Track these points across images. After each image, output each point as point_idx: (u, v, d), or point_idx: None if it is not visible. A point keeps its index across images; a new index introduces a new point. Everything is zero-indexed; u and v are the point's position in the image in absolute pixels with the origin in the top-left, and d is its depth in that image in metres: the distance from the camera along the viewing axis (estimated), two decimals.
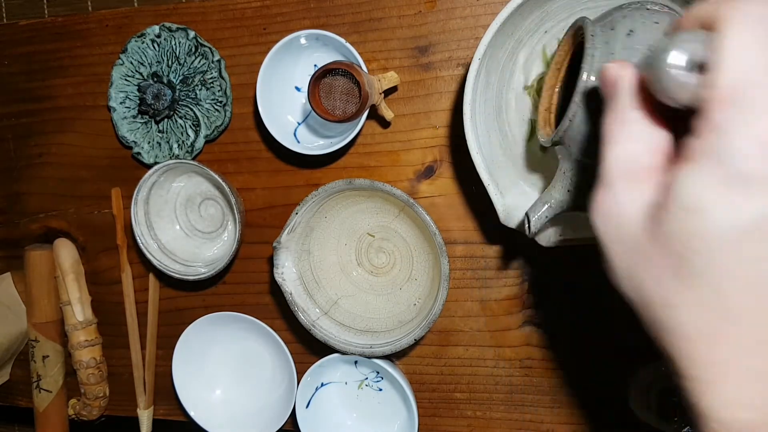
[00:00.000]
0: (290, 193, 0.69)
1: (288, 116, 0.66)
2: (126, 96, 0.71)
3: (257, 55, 0.67)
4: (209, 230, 0.72)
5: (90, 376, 0.74)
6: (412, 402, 0.62)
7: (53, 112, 0.75)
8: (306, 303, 0.62)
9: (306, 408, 0.66)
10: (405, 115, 0.65)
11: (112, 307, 0.76)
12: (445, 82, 0.63)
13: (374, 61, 0.65)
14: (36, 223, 0.78)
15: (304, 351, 0.71)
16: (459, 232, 0.65)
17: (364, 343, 0.61)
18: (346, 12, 0.65)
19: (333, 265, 0.66)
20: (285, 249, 0.60)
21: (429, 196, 0.65)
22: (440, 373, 0.68)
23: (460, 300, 0.66)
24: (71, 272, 0.74)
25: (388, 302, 0.65)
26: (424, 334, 0.58)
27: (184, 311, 0.74)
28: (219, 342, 0.71)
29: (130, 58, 0.70)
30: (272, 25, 0.67)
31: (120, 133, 0.71)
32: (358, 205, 0.63)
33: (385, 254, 0.65)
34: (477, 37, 0.62)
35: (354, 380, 0.69)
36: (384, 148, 0.66)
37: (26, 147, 0.77)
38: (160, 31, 0.68)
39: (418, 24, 0.63)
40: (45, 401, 0.74)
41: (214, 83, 0.68)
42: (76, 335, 0.73)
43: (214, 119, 0.68)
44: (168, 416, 0.76)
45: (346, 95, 0.57)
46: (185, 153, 0.69)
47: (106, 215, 0.75)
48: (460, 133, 0.59)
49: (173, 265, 0.69)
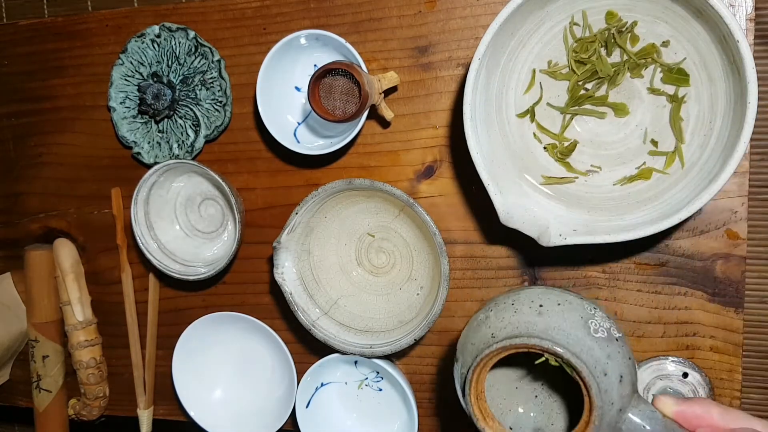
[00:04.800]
0: (290, 193, 0.69)
1: (288, 116, 0.66)
2: (126, 96, 0.71)
3: (257, 55, 0.67)
4: (209, 230, 0.72)
5: (90, 376, 0.74)
6: (412, 402, 0.62)
7: (53, 112, 0.75)
8: (306, 303, 0.62)
9: (306, 408, 0.66)
10: (405, 115, 0.65)
11: (112, 307, 0.76)
12: (445, 82, 0.63)
13: (374, 61, 0.65)
14: (36, 223, 0.78)
15: (304, 351, 0.71)
16: (459, 232, 0.65)
17: (364, 343, 0.61)
18: (346, 12, 0.65)
19: (333, 265, 0.66)
20: (285, 249, 0.60)
21: (429, 196, 0.65)
22: (440, 373, 0.68)
23: (460, 300, 0.66)
24: (71, 272, 0.74)
25: (388, 302, 0.65)
26: (424, 334, 0.58)
27: (184, 311, 0.74)
28: (219, 342, 0.71)
29: (130, 58, 0.70)
30: (272, 25, 0.67)
31: (120, 133, 0.71)
32: (358, 205, 0.63)
33: (385, 254, 0.65)
34: (477, 37, 0.62)
35: (354, 380, 0.69)
36: (384, 148, 0.66)
37: (26, 147, 0.77)
38: (160, 31, 0.68)
39: (418, 24, 0.63)
40: (45, 401, 0.74)
41: (214, 83, 0.68)
42: (76, 335, 0.73)
43: (214, 119, 0.68)
44: (168, 416, 0.77)
45: (346, 95, 0.57)
46: (185, 153, 0.69)
47: (106, 215, 0.75)
48: (460, 133, 0.59)
49: (173, 265, 0.69)
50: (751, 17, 0.56)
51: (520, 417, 0.53)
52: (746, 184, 0.57)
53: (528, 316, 0.45)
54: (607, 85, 0.55)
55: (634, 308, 0.61)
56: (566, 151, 0.57)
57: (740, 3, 0.56)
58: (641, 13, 0.52)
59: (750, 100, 0.45)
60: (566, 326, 0.44)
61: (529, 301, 0.47)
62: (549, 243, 0.50)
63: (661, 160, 0.55)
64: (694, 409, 0.41)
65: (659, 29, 0.53)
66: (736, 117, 0.47)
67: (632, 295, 0.61)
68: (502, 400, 0.53)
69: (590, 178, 0.57)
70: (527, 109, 0.57)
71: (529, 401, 0.54)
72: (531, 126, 0.58)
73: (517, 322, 0.45)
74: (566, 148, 0.57)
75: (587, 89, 0.56)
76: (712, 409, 0.40)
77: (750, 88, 0.45)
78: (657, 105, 0.55)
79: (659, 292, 0.60)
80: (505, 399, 0.54)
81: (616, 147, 0.56)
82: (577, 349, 0.43)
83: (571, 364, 0.41)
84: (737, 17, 0.56)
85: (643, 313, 0.61)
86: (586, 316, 0.45)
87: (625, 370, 0.44)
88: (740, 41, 0.44)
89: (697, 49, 0.51)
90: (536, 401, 0.54)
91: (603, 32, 0.54)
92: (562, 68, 0.56)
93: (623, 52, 0.54)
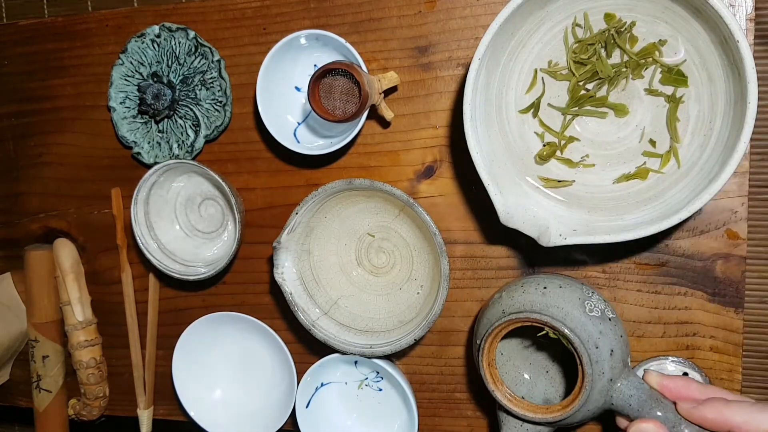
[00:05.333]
0: (290, 193, 0.69)
1: (288, 116, 0.66)
2: (126, 96, 0.71)
3: (257, 55, 0.67)
4: (209, 230, 0.72)
5: (90, 376, 0.74)
6: (412, 402, 0.62)
7: (53, 112, 0.75)
8: (306, 303, 0.62)
9: (306, 408, 0.66)
10: (405, 115, 0.65)
11: (112, 307, 0.76)
12: (445, 82, 0.63)
13: (374, 61, 0.65)
14: (36, 223, 0.78)
15: (304, 351, 0.71)
16: (459, 232, 0.65)
17: (364, 343, 0.61)
18: (346, 12, 0.65)
19: (333, 265, 0.66)
20: (285, 249, 0.60)
21: (429, 196, 0.65)
22: (440, 373, 0.68)
23: (460, 300, 0.66)
24: (71, 272, 0.74)
25: (388, 302, 0.65)
26: (424, 334, 0.58)
27: (184, 311, 0.74)
28: (219, 342, 0.71)
29: (130, 58, 0.70)
30: (272, 25, 0.67)
31: (120, 133, 0.71)
32: (358, 205, 0.63)
33: (385, 254, 0.65)
34: (477, 37, 0.62)
35: (354, 380, 0.69)
36: (384, 148, 0.66)
37: (26, 147, 0.77)
38: (160, 31, 0.68)
39: (418, 24, 0.63)
40: (45, 401, 0.74)
41: (214, 83, 0.68)
42: (76, 335, 0.73)
43: (214, 119, 0.68)
44: (168, 416, 0.77)
45: (346, 95, 0.57)
46: (185, 153, 0.69)
47: (106, 215, 0.75)
48: (460, 133, 0.59)
49: (173, 265, 0.69)
50: (751, 17, 0.56)
51: (531, 388, 0.61)
52: (746, 184, 0.57)
53: (533, 296, 0.53)
54: (608, 85, 0.55)
55: (634, 308, 0.61)
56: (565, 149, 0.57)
57: (740, 3, 0.56)
58: (641, 13, 0.52)
59: (750, 100, 0.45)
60: (564, 304, 0.51)
61: (535, 284, 0.54)
62: (549, 243, 0.51)
63: (660, 160, 0.55)
64: (677, 383, 0.48)
65: (659, 29, 0.53)
66: (736, 117, 0.47)
67: (632, 295, 0.61)
68: (516, 373, 0.61)
69: (590, 178, 0.57)
70: (531, 104, 0.57)
71: (541, 375, 0.61)
72: (531, 126, 0.58)
73: (524, 301, 0.53)
74: (564, 146, 0.57)
75: (587, 90, 0.56)
76: (691, 384, 0.48)
77: (750, 88, 0.45)
78: (657, 105, 0.55)
79: (659, 292, 0.60)
80: (518, 372, 0.61)
81: (616, 147, 0.56)
82: (572, 324, 0.50)
83: (566, 335, 0.48)
84: (737, 17, 0.56)
85: (643, 313, 0.61)
86: (583, 297, 0.52)
87: (616, 345, 0.50)
88: (740, 41, 0.44)
89: (697, 49, 0.51)
90: (547, 376, 0.61)
91: (603, 33, 0.54)
92: (563, 69, 0.56)
93: (623, 52, 0.54)
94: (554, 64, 0.56)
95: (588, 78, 0.55)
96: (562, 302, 0.51)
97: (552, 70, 0.56)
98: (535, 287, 0.53)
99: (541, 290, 0.53)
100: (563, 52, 0.56)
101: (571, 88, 0.56)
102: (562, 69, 0.56)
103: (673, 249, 0.60)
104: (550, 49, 0.56)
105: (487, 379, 0.53)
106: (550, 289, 0.53)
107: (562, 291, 0.52)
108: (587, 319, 0.50)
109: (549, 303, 0.51)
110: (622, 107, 0.55)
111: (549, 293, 0.52)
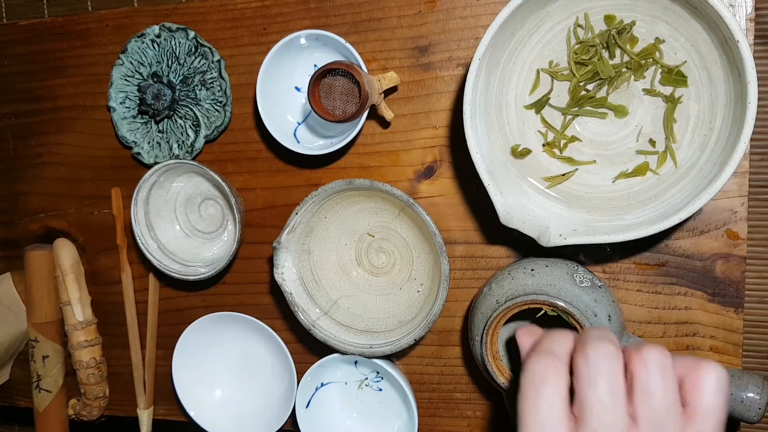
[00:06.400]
0: (290, 193, 0.69)
1: (288, 116, 0.66)
2: (126, 96, 0.71)
3: (257, 55, 0.67)
4: (209, 230, 0.72)
5: (90, 376, 0.74)
6: (412, 402, 0.62)
7: (53, 112, 0.75)
8: (306, 303, 0.62)
9: (306, 408, 0.66)
10: (405, 115, 0.65)
11: (112, 307, 0.76)
12: (445, 82, 0.63)
13: (374, 61, 0.65)
14: (36, 223, 0.78)
15: (304, 351, 0.71)
16: (459, 232, 0.65)
17: (364, 343, 0.61)
18: (346, 12, 0.65)
19: (333, 265, 0.66)
20: (285, 249, 0.60)
21: (429, 196, 0.65)
22: (440, 373, 0.68)
23: (460, 300, 0.66)
24: (71, 272, 0.74)
25: (388, 302, 0.65)
26: (424, 334, 0.58)
27: (184, 311, 0.74)
28: (219, 342, 0.71)
29: (130, 58, 0.70)
30: (272, 25, 0.67)
31: (120, 133, 0.71)
32: (358, 205, 0.63)
33: (385, 254, 0.65)
34: (477, 37, 0.62)
35: (354, 380, 0.69)
36: (384, 148, 0.66)
37: (26, 147, 0.77)
38: (160, 31, 0.68)
39: (418, 24, 0.63)
40: (45, 401, 0.74)
41: (214, 83, 0.68)
42: (76, 335, 0.73)
43: (214, 119, 0.68)
44: (168, 416, 0.77)
45: (346, 95, 0.57)
46: (185, 153, 0.69)
47: (106, 215, 0.75)
48: (460, 133, 0.59)
49: (173, 265, 0.69)
50: (751, 17, 0.56)
51: None
52: (746, 184, 0.57)
53: (523, 280, 0.54)
54: (608, 86, 0.55)
55: (634, 308, 0.61)
56: (565, 148, 0.57)
57: (740, 3, 0.56)
58: (641, 13, 0.52)
59: (750, 100, 0.45)
60: (555, 281, 0.52)
61: (522, 268, 0.55)
62: (549, 243, 0.51)
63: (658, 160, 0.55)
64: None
65: (659, 29, 0.53)
66: (736, 117, 0.47)
67: (632, 295, 0.61)
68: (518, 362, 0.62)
69: (590, 177, 0.57)
70: (537, 101, 0.57)
71: None
72: (531, 126, 0.58)
73: (515, 287, 0.53)
74: (565, 146, 0.57)
75: (588, 90, 0.56)
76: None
77: (750, 89, 0.45)
78: (657, 106, 0.55)
79: (659, 292, 0.60)
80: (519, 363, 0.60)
81: (616, 147, 0.56)
82: (568, 298, 0.51)
83: (566, 310, 0.49)
84: (737, 17, 0.56)
85: (643, 313, 0.61)
86: (570, 271, 0.53)
87: (611, 310, 0.52)
88: (740, 41, 0.44)
89: (697, 50, 0.51)
90: None
91: (603, 34, 0.54)
92: (563, 69, 0.56)
93: (623, 53, 0.54)
94: (555, 64, 0.56)
95: (588, 79, 0.55)
96: (552, 279, 0.52)
97: (553, 70, 0.56)
98: (523, 271, 0.54)
99: (530, 272, 0.54)
100: (563, 52, 0.56)
101: (572, 88, 0.56)
102: (563, 69, 0.56)
103: (673, 249, 0.60)
104: (550, 50, 0.56)
105: (494, 373, 0.53)
106: (537, 270, 0.54)
107: (549, 269, 0.53)
108: (580, 290, 0.52)
109: (541, 283, 0.52)
110: (621, 108, 0.55)
111: (537, 273, 0.53)
